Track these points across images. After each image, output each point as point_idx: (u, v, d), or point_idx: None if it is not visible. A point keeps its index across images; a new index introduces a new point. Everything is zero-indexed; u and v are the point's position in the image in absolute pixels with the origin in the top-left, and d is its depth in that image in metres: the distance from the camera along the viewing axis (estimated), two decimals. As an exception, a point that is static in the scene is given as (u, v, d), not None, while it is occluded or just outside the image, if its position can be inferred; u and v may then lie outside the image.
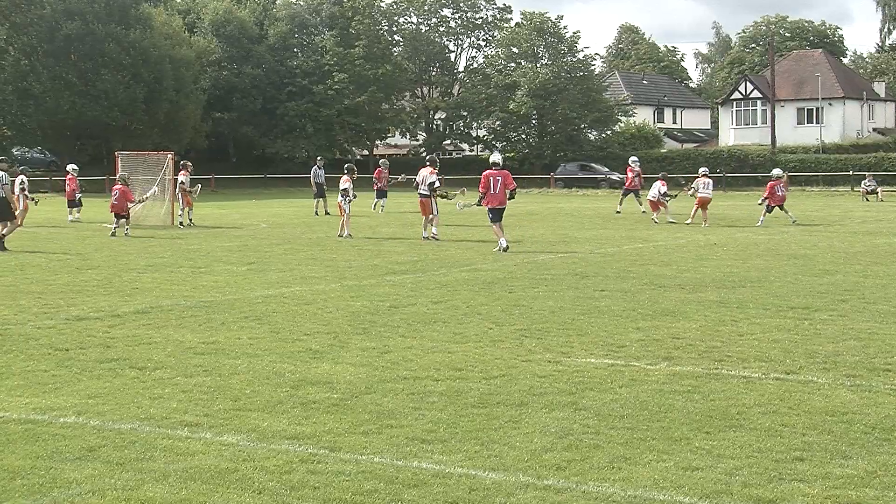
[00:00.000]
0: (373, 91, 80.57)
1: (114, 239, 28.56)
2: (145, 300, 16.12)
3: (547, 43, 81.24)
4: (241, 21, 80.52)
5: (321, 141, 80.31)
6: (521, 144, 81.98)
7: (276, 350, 11.95)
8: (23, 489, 7.06)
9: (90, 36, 65.50)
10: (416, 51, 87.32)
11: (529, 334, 13.02)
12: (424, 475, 7.36)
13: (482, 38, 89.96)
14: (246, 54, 79.98)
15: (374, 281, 18.73)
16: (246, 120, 79.48)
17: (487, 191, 24.79)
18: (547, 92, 77.22)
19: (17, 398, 9.59)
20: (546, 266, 21.14)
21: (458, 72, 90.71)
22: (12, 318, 14.36)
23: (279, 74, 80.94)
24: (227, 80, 79.33)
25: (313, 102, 79.76)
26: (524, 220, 36.32)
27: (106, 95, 65.72)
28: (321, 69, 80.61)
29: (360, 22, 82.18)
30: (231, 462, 7.65)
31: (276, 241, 27.70)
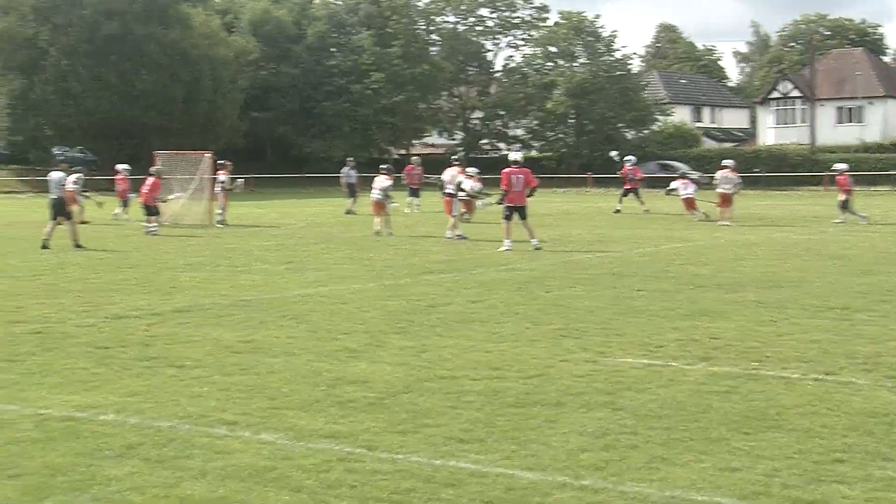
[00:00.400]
0: (410, 90, 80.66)
1: (153, 238, 28.71)
2: (184, 299, 16.20)
3: (584, 42, 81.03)
4: (279, 21, 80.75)
5: (358, 140, 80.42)
6: (559, 144, 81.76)
7: (314, 349, 11.98)
8: (64, 485, 7.12)
9: (129, 36, 65.90)
10: (453, 50, 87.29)
11: (567, 334, 12.98)
12: (461, 474, 7.35)
13: (519, 37, 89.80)
14: (284, 54, 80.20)
15: (411, 280, 18.74)
16: (283, 119, 79.69)
17: (509, 189, 24.82)
18: (584, 91, 77.01)
19: (59, 395, 9.66)
20: (583, 266, 21.08)
21: (495, 71, 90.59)
22: (53, 316, 14.47)
23: (317, 74, 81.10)
24: (264, 80, 79.58)
25: (350, 102, 79.89)
26: (561, 220, 36.27)
27: (145, 95, 66.11)
28: (358, 69, 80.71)
29: (397, 21, 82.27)
30: (269, 460, 7.68)
31: (313, 240, 27.77)
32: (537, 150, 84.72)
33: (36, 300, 15.99)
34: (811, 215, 33.09)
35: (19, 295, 16.63)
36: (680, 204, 36.83)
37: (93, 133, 69.84)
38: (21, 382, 10.21)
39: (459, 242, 26.53)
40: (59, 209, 25.45)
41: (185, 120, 68.55)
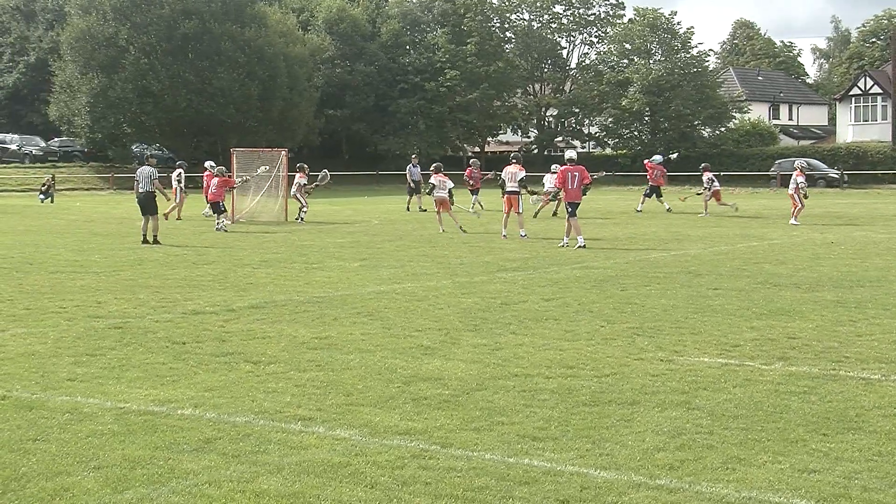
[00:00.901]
0: (485, 88, 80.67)
1: (229, 235, 28.98)
2: (259, 295, 16.34)
3: (660, 39, 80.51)
4: (354, 19, 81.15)
5: (433, 138, 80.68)
6: (634, 141, 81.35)
7: (388, 346, 12.02)
8: (142, 478, 7.21)
9: (207, 35, 66.59)
10: (528, 47, 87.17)
11: (641, 332, 12.91)
12: (535, 473, 7.34)
13: (594, 34, 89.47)
14: (359, 52, 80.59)
15: (486, 278, 18.74)
16: (358, 117, 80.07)
17: (565, 186, 25.47)
18: (660, 88, 76.53)
19: (137, 390, 9.79)
20: (658, 264, 20.95)
21: (570, 68, 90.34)
22: (132, 311, 14.66)
23: (391, 72, 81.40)
24: (339, 78, 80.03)
25: (425, 99, 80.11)
26: (636, 218, 36.07)
27: (222, 93, 66.74)
28: (433, 66, 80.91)
29: (472, 19, 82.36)
30: (343, 456, 7.71)
31: (387, 237, 27.86)
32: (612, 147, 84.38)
33: (115, 295, 16.21)
34: (892, 214, 32.53)
35: (99, 290, 16.87)
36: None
37: (170, 131, 70.71)
38: (102, 376, 10.36)
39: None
40: (148, 204, 25.72)
41: (260, 117, 69.11)
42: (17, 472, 7.30)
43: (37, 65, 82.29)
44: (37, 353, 11.55)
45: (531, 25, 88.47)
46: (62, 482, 7.10)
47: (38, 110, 78.86)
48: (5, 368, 10.68)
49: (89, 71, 67.48)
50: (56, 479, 7.18)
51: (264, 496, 6.88)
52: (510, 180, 27.64)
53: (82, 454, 7.74)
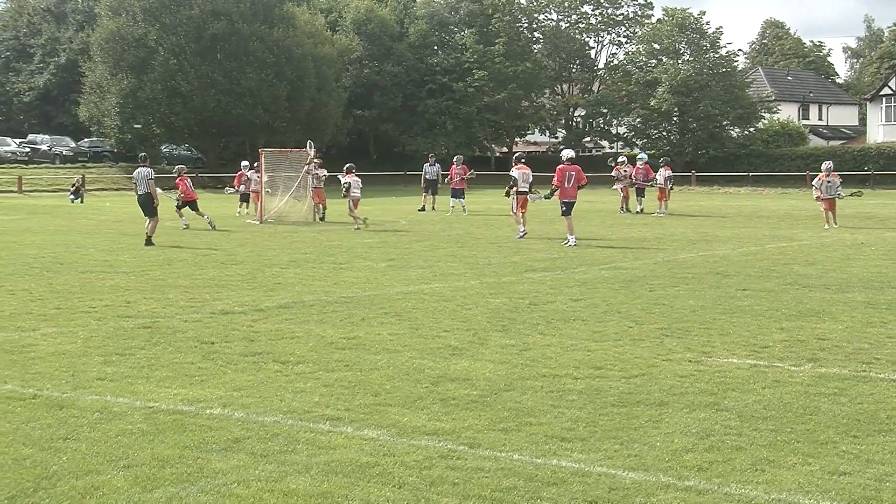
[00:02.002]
0: (512, 88, 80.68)
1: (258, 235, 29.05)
2: (288, 295, 16.37)
3: (689, 39, 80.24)
4: (382, 19, 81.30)
5: (461, 138, 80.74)
6: (662, 142, 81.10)
7: (416, 346, 12.03)
8: (171, 477, 7.24)
9: (236, 35, 66.80)
10: (556, 48, 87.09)
11: (670, 333, 12.87)
12: (564, 473, 7.33)
13: (623, 34, 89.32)
14: (387, 52, 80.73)
15: (514, 278, 18.73)
16: (386, 117, 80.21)
17: (561, 185, 25.99)
18: (688, 89, 76.30)
19: (166, 389, 9.83)
20: (687, 265, 20.88)
21: (598, 68, 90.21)
22: (161, 311, 14.73)
23: (419, 72, 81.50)
24: (367, 78, 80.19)
25: (453, 100, 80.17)
26: (665, 219, 35.97)
27: (250, 93, 66.94)
28: (461, 66, 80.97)
29: (500, 19, 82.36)
30: (371, 456, 7.72)
31: (415, 237, 27.88)
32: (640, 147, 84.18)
33: (145, 295, 16.29)
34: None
35: (129, 290, 16.95)
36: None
37: (199, 131, 70.99)
38: (131, 376, 10.41)
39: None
40: (148, 205, 25.86)
41: (289, 118, 69.29)
42: (47, 471, 7.35)
43: (67, 66, 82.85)
44: (67, 352, 11.62)
45: (559, 25, 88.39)
46: (92, 481, 7.14)
47: (68, 111, 79.33)
48: (36, 367, 10.74)
49: (119, 72, 67.81)
50: (86, 477, 7.22)
51: (293, 496, 6.89)
52: (523, 181, 27.68)
53: (112, 453, 7.78)
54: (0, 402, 9.25)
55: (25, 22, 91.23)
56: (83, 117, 71.64)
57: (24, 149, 72.25)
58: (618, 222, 33.75)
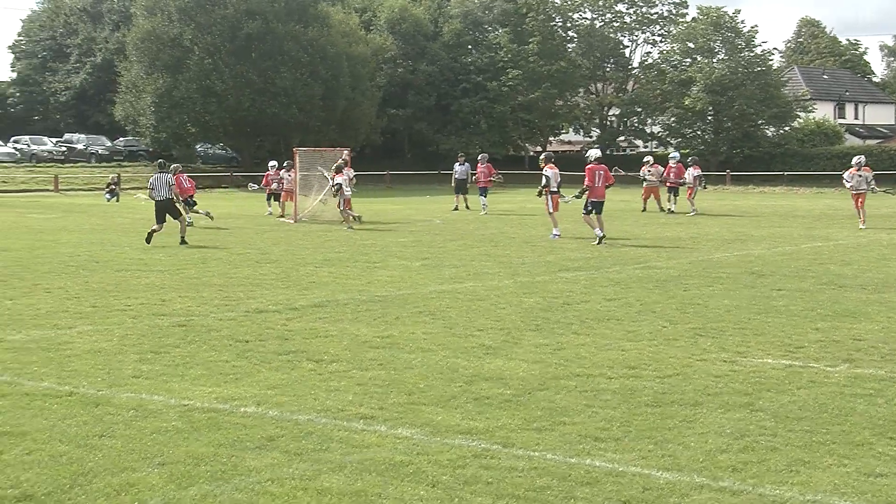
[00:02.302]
0: (546, 87, 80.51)
1: (292, 234, 29.13)
2: (322, 294, 16.42)
3: (724, 38, 79.75)
4: (416, 19, 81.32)
5: (495, 137, 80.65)
6: (697, 141, 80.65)
7: (450, 345, 12.03)
8: (206, 475, 7.28)
9: (270, 35, 66.99)
10: (590, 47, 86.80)
11: (704, 333, 12.83)
12: (597, 473, 7.32)
13: (657, 33, 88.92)
14: (421, 51, 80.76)
15: (547, 277, 18.70)
16: (420, 116, 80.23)
17: (592, 184, 25.92)
18: (723, 87, 75.88)
19: (201, 387, 9.88)
20: (721, 264, 20.79)
21: (632, 67, 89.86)
22: (196, 309, 14.80)
23: (453, 71, 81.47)
24: (402, 77, 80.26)
25: (487, 99, 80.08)
26: (699, 218, 35.81)
27: (285, 93, 67.10)
28: (495, 65, 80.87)
29: (534, 18, 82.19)
30: (405, 455, 7.74)
31: (449, 236, 27.88)
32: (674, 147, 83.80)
33: (179, 294, 16.38)
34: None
35: (164, 288, 17.05)
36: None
37: (234, 130, 71.25)
38: (166, 374, 10.47)
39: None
40: (172, 209, 25.95)
41: (323, 117, 69.42)
42: (84, 468, 7.40)
43: (103, 65, 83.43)
44: (103, 350, 11.70)
45: (594, 24, 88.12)
46: (127, 478, 7.19)
47: (103, 110, 79.88)
48: (72, 365, 10.82)
49: (154, 71, 68.19)
50: (122, 474, 7.27)
51: (326, 494, 6.91)
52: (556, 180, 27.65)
53: (147, 450, 7.83)
54: (37, 399, 9.33)
55: (62, 22, 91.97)
56: (119, 116, 72.11)
57: (61, 148, 72.86)
58: (651, 221, 33.64)
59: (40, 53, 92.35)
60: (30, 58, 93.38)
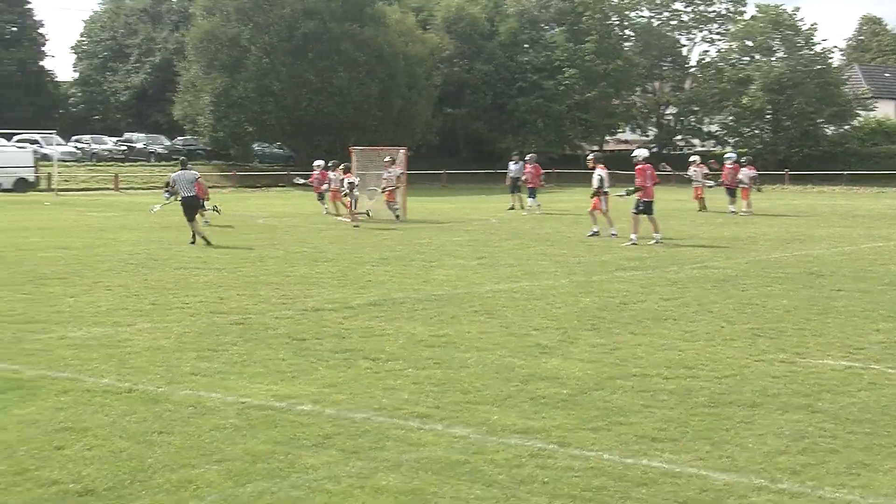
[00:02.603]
0: (603, 86, 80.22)
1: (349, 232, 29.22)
2: (378, 292, 16.46)
3: (782, 36, 79.09)
4: (473, 18, 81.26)
5: (551, 136, 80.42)
6: (755, 140, 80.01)
7: (506, 344, 12.03)
8: (263, 472, 7.33)
9: (327, 35, 67.22)
10: (647, 45, 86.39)
11: (762, 334, 12.73)
12: (654, 474, 7.29)
13: (715, 31, 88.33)
14: (477, 50, 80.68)
15: (604, 277, 18.64)
16: (476, 115, 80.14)
17: (644, 184, 25.84)
18: (782, 86, 75.21)
19: (258, 385, 9.94)
20: (780, 264, 20.61)
21: (689, 66, 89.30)
22: (253, 307, 14.89)
23: (509, 70, 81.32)
24: (458, 77, 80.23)
25: (543, 98, 79.85)
26: (757, 218, 35.52)
27: (341, 92, 67.31)
28: (551, 64, 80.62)
29: (590, 17, 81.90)
30: (461, 454, 7.74)
31: (505, 235, 27.85)
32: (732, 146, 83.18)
33: (237, 292, 16.49)
34: None
35: (221, 286, 17.18)
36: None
37: (290, 129, 71.55)
38: (224, 371, 10.55)
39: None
40: (194, 207, 25.99)
41: (380, 116, 69.56)
42: (143, 464, 7.48)
43: (162, 65, 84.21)
44: (162, 347, 11.81)
45: (650, 23, 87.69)
46: (186, 474, 7.25)
47: (162, 110, 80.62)
48: (132, 362, 10.94)
49: (212, 71, 68.66)
50: (180, 471, 7.34)
51: (382, 492, 6.94)
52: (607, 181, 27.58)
53: (205, 447, 7.89)
54: (97, 396, 9.43)
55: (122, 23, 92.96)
56: (177, 116, 72.75)
57: (121, 147, 73.62)
58: (708, 221, 33.41)
59: (101, 54, 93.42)
60: (91, 58, 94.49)
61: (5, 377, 10.15)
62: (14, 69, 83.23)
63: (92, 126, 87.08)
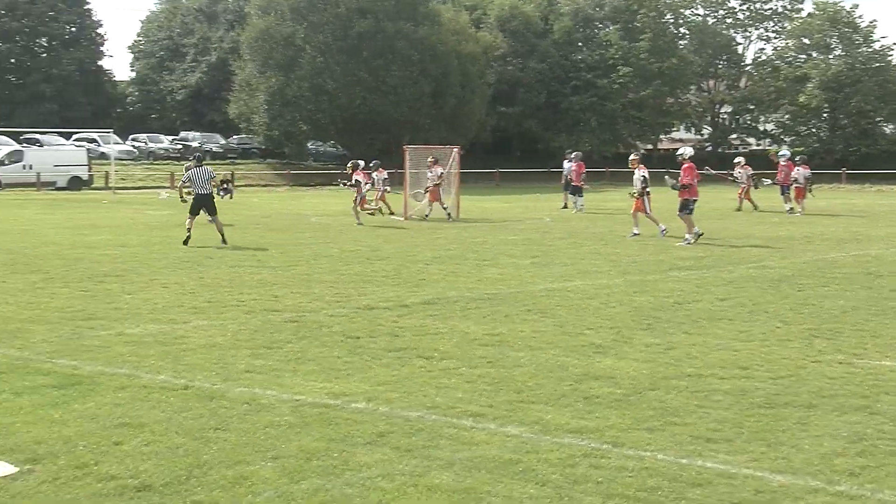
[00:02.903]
0: (657, 85, 79.87)
1: (402, 230, 29.28)
2: (432, 291, 16.48)
3: (840, 33, 78.37)
4: (527, 16, 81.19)
5: (605, 135, 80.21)
6: (811, 139, 79.38)
7: (560, 343, 12.00)
8: (318, 469, 7.36)
9: (381, 33, 67.42)
10: (702, 43, 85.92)
11: (819, 334, 12.61)
12: (709, 474, 7.24)
13: (771, 29, 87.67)
14: (531, 49, 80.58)
15: (658, 276, 18.55)
16: (530, 114, 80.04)
17: (692, 183, 25.73)
18: (839, 84, 74.52)
19: (312, 382, 9.98)
20: (837, 264, 20.42)
21: (745, 64, 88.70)
22: (307, 305, 14.96)
23: (563, 68, 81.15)
24: (511, 75, 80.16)
25: (597, 96, 79.62)
26: (814, 218, 35.18)
27: (395, 90, 67.51)
28: (605, 63, 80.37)
29: (645, 15, 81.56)
30: (514, 453, 7.73)
31: (559, 234, 27.78)
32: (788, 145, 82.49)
33: (291, 290, 16.57)
34: None
35: (276, 284, 17.27)
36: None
37: (344, 128, 71.82)
38: (278, 369, 10.60)
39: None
40: (210, 204, 25.71)
41: (433, 114, 69.70)
42: (199, 460, 7.54)
43: (217, 64, 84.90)
44: (217, 344, 11.90)
45: (706, 21, 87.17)
46: (241, 471, 7.30)
47: (218, 108, 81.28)
48: (188, 359, 11.03)
49: (267, 70, 69.08)
50: (236, 467, 7.39)
51: (436, 491, 6.94)
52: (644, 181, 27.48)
53: (260, 444, 7.94)
54: (154, 392, 9.52)
55: (179, 22, 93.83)
56: (232, 115, 73.30)
57: (177, 145, 74.28)
58: (763, 221, 33.15)
59: (158, 53, 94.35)
60: (148, 57, 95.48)
61: (65, 373, 10.28)
62: (73, 69, 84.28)
63: (149, 125, 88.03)
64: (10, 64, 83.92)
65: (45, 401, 9.21)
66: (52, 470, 7.33)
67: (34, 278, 17.80)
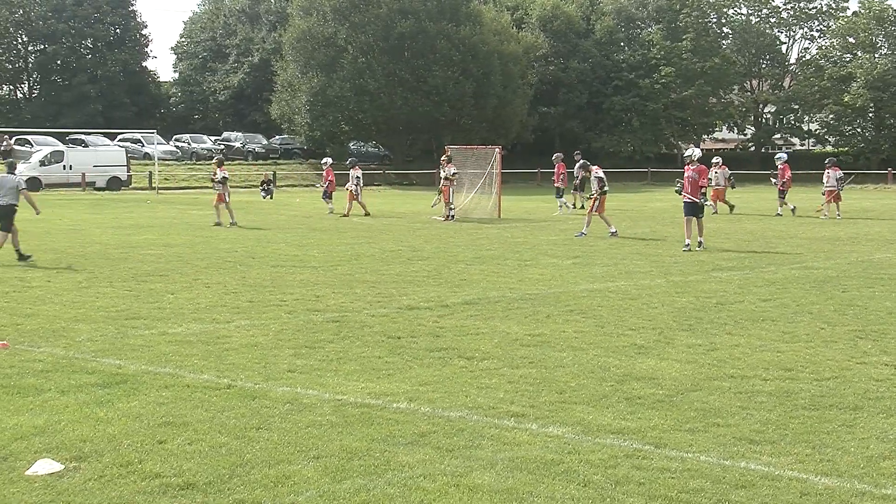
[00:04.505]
0: (700, 84, 79.51)
1: (443, 231, 29.29)
2: (473, 291, 16.47)
3: (886, 32, 77.67)
4: (568, 16, 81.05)
5: (647, 135, 79.94)
6: (856, 139, 78.77)
7: (601, 344, 11.96)
8: (359, 469, 7.37)
9: (422, 34, 67.50)
10: (745, 43, 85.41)
11: (864, 336, 12.50)
12: (752, 476, 7.20)
13: (816, 28, 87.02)
14: (572, 49, 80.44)
15: (700, 277, 18.45)
16: (572, 114, 79.90)
17: (707, 185, 25.46)
18: (885, 83, 73.88)
19: (354, 382, 10.00)
20: (882, 265, 20.24)
21: (789, 64, 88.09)
22: (349, 305, 15.00)
23: (605, 68, 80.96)
24: (553, 75, 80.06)
25: (639, 96, 79.37)
26: (859, 217, 34.89)
27: (436, 91, 67.57)
28: (648, 63, 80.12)
29: (687, 15, 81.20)
30: (556, 454, 7.72)
31: (600, 234, 27.68)
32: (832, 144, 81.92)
33: (333, 290, 16.61)
34: None
35: (317, 284, 17.32)
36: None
37: (386, 128, 71.98)
38: (320, 369, 10.63)
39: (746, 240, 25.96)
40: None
41: (474, 115, 69.71)
42: (242, 459, 7.57)
43: (260, 65, 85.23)
44: (259, 344, 11.95)
45: (749, 20, 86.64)
46: (283, 470, 7.33)
47: (260, 109, 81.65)
48: (230, 359, 11.08)
49: (309, 70, 69.32)
50: (278, 466, 7.41)
51: (477, 491, 6.94)
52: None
53: (302, 443, 7.96)
54: (197, 391, 9.57)
55: (221, 23, 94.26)
56: (275, 115, 73.62)
57: (219, 146, 74.64)
58: (808, 221, 32.91)
59: (201, 54, 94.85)
60: (191, 58, 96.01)
61: (110, 372, 10.35)
62: (118, 70, 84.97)
63: (192, 125, 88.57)
64: (56, 66, 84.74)
65: (90, 399, 9.28)
66: (98, 468, 7.39)
67: (79, 278, 17.95)
